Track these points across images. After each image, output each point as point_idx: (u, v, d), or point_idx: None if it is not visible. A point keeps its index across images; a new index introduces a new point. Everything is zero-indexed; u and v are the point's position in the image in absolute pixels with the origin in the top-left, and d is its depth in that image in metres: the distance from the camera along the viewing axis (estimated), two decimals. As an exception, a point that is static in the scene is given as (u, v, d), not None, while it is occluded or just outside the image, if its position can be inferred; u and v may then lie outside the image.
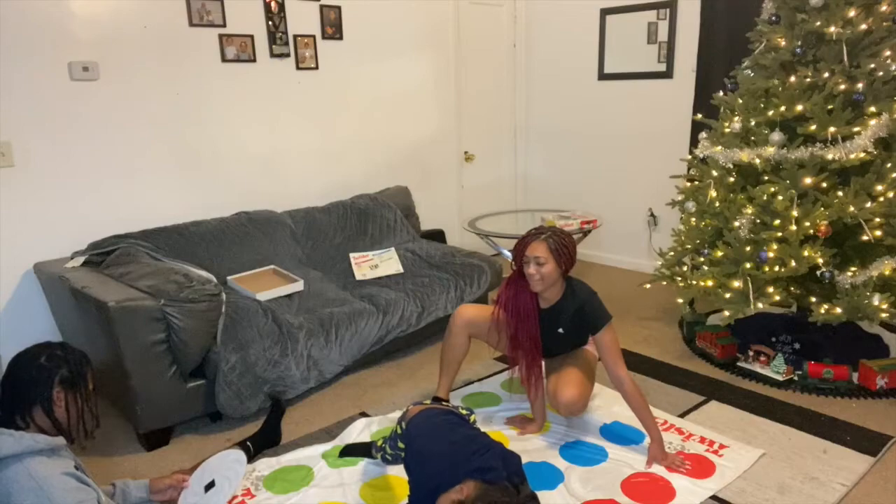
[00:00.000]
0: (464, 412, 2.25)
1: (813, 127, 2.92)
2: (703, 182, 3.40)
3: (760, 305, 2.99)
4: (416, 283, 3.54)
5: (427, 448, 1.99)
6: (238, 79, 3.68)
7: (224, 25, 3.56)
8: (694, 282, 3.27)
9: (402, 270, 3.70)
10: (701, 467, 2.41)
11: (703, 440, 2.60)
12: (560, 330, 2.56)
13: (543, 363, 2.64)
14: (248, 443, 2.55)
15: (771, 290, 3.01)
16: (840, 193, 2.91)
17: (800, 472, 2.39)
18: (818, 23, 2.96)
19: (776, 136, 3.01)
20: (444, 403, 2.44)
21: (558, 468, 2.44)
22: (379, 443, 2.29)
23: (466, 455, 1.91)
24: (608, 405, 2.88)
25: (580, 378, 2.56)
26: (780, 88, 3.08)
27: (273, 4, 3.73)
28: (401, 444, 2.11)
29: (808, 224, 2.88)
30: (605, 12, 4.76)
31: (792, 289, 3.11)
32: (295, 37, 3.87)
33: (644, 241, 4.90)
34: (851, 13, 2.90)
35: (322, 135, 4.15)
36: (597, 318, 2.47)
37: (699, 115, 3.77)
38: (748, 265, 3.03)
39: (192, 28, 3.45)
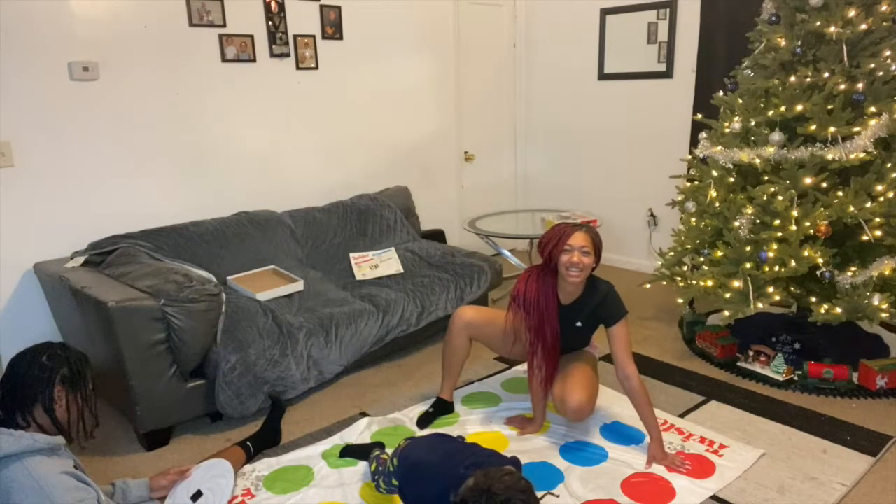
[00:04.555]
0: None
1: (813, 127, 2.92)
2: (703, 182, 3.40)
3: (760, 305, 2.99)
4: (416, 283, 3.54)
5: (423, 459, 2.01)
6: (238, 79, 3.68)
7: (224, 25, 3.56)
8: (694, 282, 3.27)
9: (402, 270, 3.70)
10: (701, 467, 2.41)
11: (703, 440, 2.60)
12: (578, 324, 2.56)
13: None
14: (248, 443, 2.55)
15: (771, 290, 3.01)
16: (840, 193, 2.91)
17: (800, 472, 2.39)
18: (818, 23, 2.96)
19: (776, 136, 3.01)
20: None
21: (558, 468, 2.44)
22: (372, 467, 2.26)
23: (462, 457, 1.93)
24: (608, 405, 2.88)
25: (587, 382, 2.55)
26: (780, 88, 3.08)
27: (273, 4, 3.73)
28: (395, 482, 2.08)
29: (808, 224, 2.88)
30: (605, 12, 4.76)
31: (792, 289, 3.11)
32: (295, 37, 3.87)
33: (644, 241, 4.90)
34: (851, 13, 2.90)
35: (322, 135, 4.15)
36: (615, 310, 2.48)
37: (699, 115, 3.76)
38: (748, 265, 3.03)
39: (192, 28, 3.45)
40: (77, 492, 1.71)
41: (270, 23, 3.75)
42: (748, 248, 3.06)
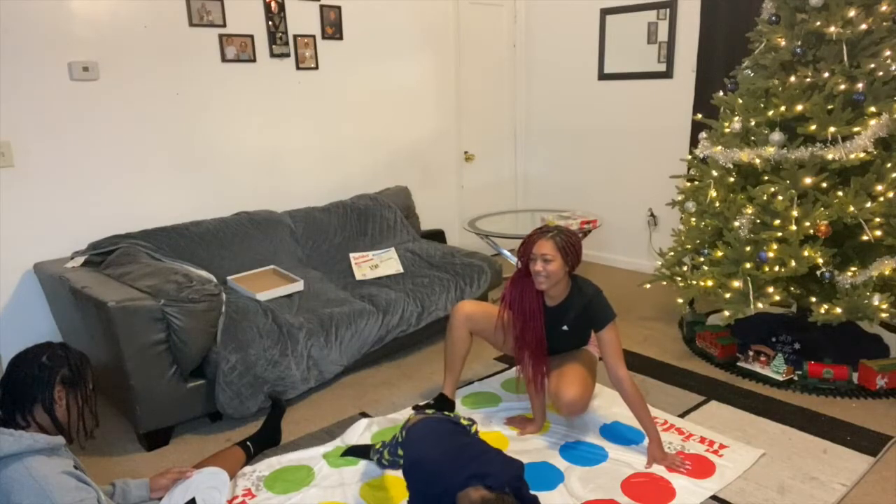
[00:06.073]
0: (465, 423, 2.24)
1: (813, 127, 2.92)
2: (703, 182, 3.40)
3: (760, 305, 2.99)
4: (416, 283, 3.54)
5: (426, 454, 2.00)
6: (238, 79, 3.68)
7: (224, 25, 3.56)
8: (694, 282, 3.27)
9: (402, 270, 3.70)
10: (701, 467, 2.41)
11: (703, 440, 2.60)
12: (565, 327, 2.57)
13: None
14: (249, 443, 2.55)
15: (771, 290, 3.01)
16: (840, 193, 2.91)
17: (800, 472, 2.39)
18: (818, 23, 2.96)
19: (776, 136, 3.01)
20: (446, 413, 2.44)
21: (558, 468, 2.44)
22: (377, 445, 2.28)
23: (466, 460, 1.92)
24: (608, 405, 2.88)
25: (582, 378, 2.56)
26: (780, 88, 3.08)
27: (273, 4, 3.73)
28: (400, 452, 2.09)
29: (808, 224, 2.88)
30: (605, 12, 4.76)
31: (792, 289, 3.11)
32: (295, 37, 3.87)
33: (644, 241, 4.90)
34: (851, 13, 2.90)
35: (322, 135, 4.15)
36: (602, 314, 2.48)
37: (699, 115, 3.76)
38: (748, 265, 3.03)
39: (192, 28, 3.45)
40: (77, 492, 1.71)
41: (270, 23, 3.75)
42: (748, 248, 3.06)
